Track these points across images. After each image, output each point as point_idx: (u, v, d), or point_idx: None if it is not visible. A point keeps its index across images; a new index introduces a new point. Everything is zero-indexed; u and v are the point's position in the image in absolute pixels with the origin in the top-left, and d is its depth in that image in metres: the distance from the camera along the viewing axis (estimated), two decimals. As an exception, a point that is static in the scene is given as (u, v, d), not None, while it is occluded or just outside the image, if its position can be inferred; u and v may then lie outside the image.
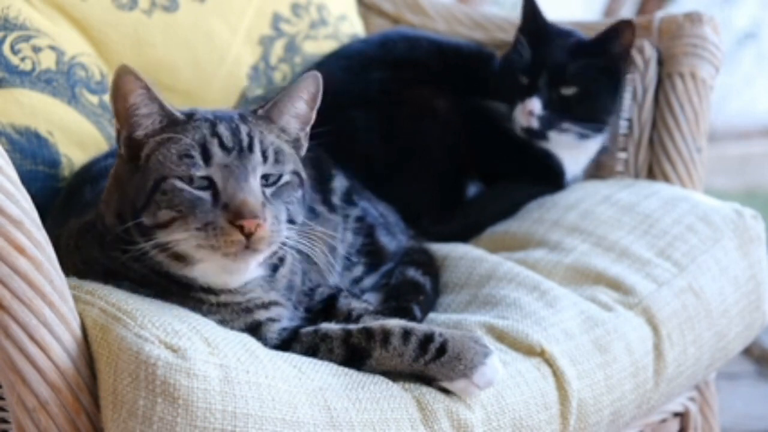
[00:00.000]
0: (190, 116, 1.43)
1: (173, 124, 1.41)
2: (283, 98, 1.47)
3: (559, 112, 1.99)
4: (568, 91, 1.99)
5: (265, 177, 1.41)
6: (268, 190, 1.41)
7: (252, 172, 1.39)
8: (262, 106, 1.47)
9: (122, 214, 1.42)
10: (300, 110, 1.48)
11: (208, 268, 1.42)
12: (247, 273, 1.45)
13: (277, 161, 1.42)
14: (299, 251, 1.47)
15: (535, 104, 1.98)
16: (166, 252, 1.39)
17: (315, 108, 1.49)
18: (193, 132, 1.40)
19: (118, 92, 1.39)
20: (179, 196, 1.37)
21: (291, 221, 1.43)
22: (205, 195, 1.37)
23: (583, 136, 2.03)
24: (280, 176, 1.42)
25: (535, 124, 1.99)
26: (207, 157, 1.38)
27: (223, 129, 1.41)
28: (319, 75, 1.47)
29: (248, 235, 1.35)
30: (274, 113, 1.47)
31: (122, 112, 1.41)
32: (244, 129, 1.42)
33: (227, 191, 1.37)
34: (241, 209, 1.35)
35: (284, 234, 1.41)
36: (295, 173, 1.45)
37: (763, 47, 5.09)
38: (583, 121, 2.01)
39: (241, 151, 1.39)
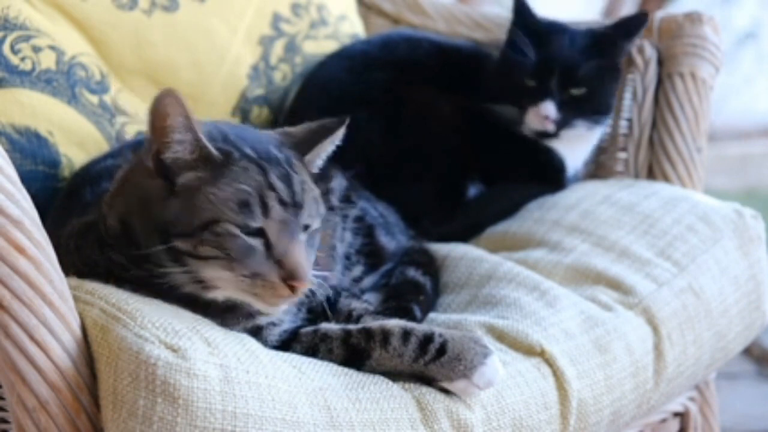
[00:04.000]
0: (227, 155, 1.38)
1: (209, 160, 1.38)
2: (322, 144, 1.47)
3: (571, 112, 2.00)
4: (578, 91, 2.00)
5: (304, 227, 1.41)
6: (303, 237, 1.40)
7: (301, 227, 1.39)
8: (302, 147, 1.46)
9: (130, 225, 1.40)
10: (330, 151, 1.50)
11: (230, 296, 1.40)
12: None
13: (317, 211, 1.42)
14: None
15: (550, 109, 1.98)
16: (199, 284, 1.38)
17: None
18: (245, 176, 1.37)
19: (157, 110, 1.36)
20: (232, 241, 1.35)
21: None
22: (258, 245, 1.36)
23: (589, 128, 2.04)
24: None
25: (551, 127, 1.99)
26: (266, 209, 1.36)
27: (275, 179, 1.38)
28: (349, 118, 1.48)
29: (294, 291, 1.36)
30: (314, 158, 1.47)
31: (157, 130, 1.37)
32: (296, 179, 1.40)
33: (279, 246, 1.36)
34: (297, 269, 1.35)
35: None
36: (321, 216, 1.45)
37: (763, 47, 5.09)
38: (591, 115, 2.02)
39: (295, 205, 1.38)
